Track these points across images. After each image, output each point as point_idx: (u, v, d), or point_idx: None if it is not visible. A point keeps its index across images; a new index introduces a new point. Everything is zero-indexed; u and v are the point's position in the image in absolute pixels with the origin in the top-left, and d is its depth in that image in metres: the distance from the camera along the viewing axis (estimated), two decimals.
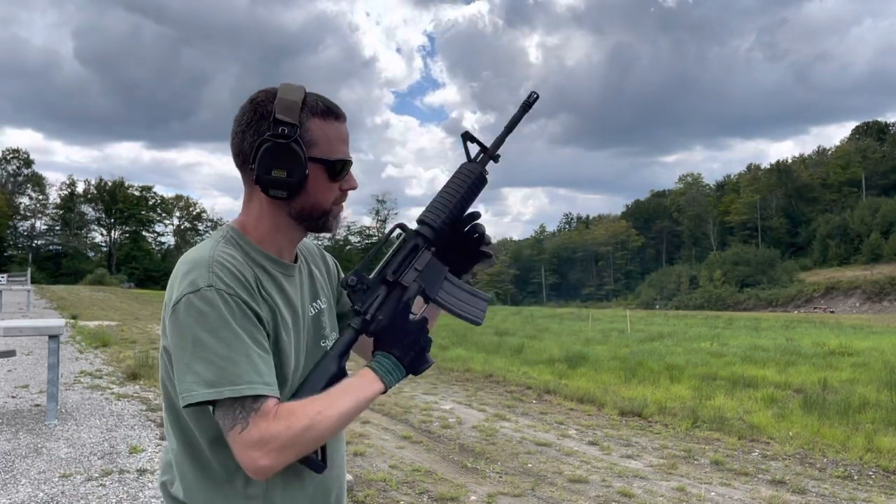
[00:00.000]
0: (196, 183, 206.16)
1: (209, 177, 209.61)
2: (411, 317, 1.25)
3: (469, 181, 1.30)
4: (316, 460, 1.19)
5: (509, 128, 1.34)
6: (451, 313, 1.34)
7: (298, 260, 1.35)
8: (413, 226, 1.30)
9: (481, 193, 1.34)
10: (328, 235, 1.31)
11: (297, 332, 1.26)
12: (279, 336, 1.20)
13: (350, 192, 1.29)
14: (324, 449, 1.22)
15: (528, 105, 1.34)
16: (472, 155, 1.34)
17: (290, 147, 1.17)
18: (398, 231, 1.32)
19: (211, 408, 1.12)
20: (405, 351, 1.21)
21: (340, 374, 1.21)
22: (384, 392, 1.18)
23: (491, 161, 1.34)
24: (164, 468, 1.28)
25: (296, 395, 1.18)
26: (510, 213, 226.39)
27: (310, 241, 1.45)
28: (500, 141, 1.34)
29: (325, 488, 1.29)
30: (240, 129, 1.22)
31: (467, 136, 1.33)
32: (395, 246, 1.28)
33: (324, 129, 1.22)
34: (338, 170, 1.23)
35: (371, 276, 1.24)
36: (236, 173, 1.32)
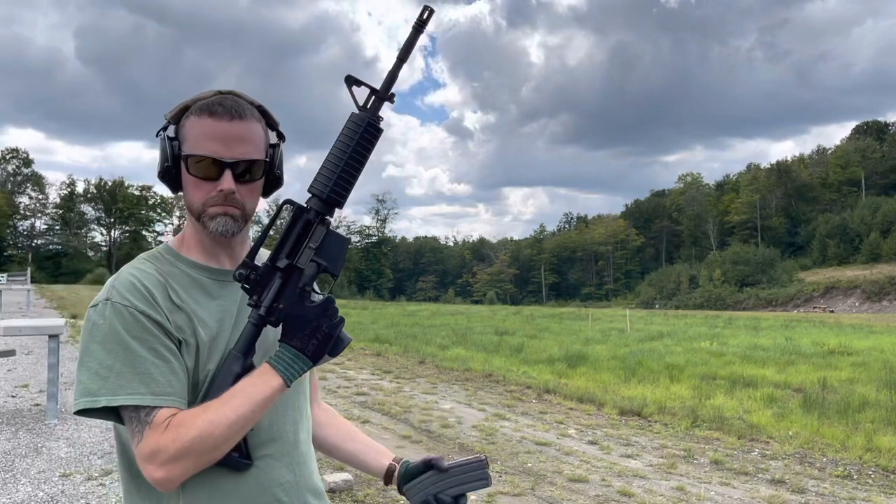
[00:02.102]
0: None
1: None
2: (314, 299, 1.17)
3: (358, 135, 1.15)
4: (235, 459, 1.14)
5: (402, 57, 1.16)
6: None
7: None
8: None
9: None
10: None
11: (225, 338, 1.20)
12: (199, 341, 1.17)
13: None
14: (246, 445, 1.17)
15: (420, 24, 1.14)
16: (363, 101, 1.16)
17: (161, 140, 1.21)
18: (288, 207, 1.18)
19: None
20: (305, 340, 1.13)
21: (245, 373, 1.15)
22: (288, 386, 1.12)
23: (387, 103, 1.17)
24: None
25: (205, 399, 1.14)
26: (510, 213, 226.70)
27: None
28: (392, 77, 1.16)
29: (262, 486, 1.20)
30: None
31: (352, 81, 1.14)
32: (285, 226, 1.17)
33: (193, 126, 1.18)
34: (194, 166, 1.18)
35: (262, 265, 1.16)
36: None
